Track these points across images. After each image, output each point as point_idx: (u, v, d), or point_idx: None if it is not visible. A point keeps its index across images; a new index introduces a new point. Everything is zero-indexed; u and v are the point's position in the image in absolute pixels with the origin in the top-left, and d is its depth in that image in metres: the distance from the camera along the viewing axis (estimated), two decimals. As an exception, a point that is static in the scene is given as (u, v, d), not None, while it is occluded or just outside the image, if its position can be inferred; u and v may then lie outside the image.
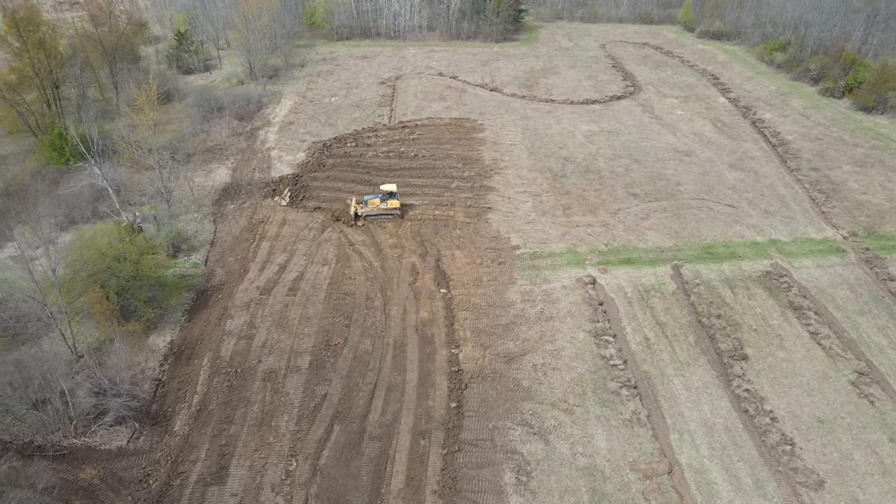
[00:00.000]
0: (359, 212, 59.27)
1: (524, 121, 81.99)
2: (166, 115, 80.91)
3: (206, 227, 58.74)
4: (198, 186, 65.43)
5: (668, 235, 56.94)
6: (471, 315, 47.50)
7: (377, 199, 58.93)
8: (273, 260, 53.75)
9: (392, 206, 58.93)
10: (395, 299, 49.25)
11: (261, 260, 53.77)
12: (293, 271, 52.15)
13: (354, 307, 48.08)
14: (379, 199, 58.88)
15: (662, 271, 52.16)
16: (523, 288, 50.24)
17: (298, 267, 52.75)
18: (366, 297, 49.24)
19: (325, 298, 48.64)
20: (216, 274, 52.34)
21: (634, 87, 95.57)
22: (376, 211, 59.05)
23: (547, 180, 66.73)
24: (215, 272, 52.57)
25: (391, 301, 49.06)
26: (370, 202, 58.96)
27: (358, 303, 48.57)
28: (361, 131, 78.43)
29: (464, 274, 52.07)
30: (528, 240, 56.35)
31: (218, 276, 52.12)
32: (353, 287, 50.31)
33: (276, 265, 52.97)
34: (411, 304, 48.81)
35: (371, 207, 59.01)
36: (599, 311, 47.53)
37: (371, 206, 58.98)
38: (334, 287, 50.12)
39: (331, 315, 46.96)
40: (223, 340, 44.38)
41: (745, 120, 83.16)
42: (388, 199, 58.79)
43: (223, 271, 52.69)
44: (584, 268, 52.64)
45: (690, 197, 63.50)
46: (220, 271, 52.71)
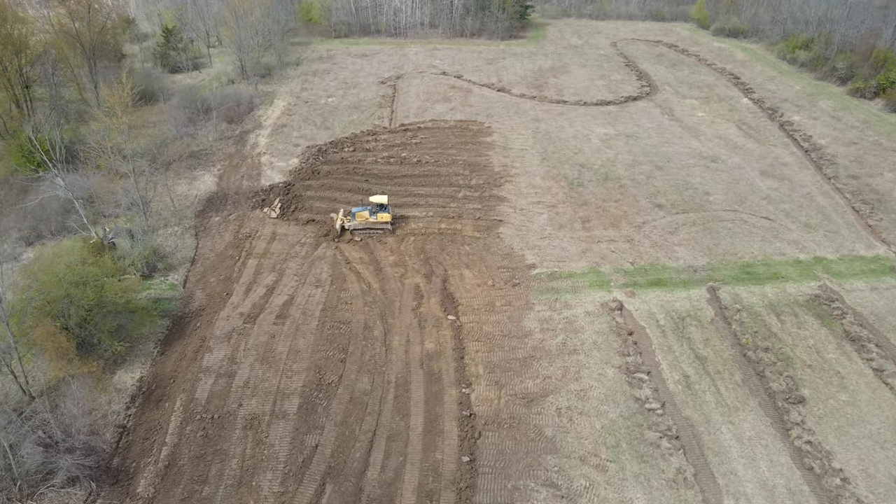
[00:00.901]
0: (346, 225, 53.58)
1: (535, 123, 76.21)
2: (149, 117, 75.22)
3: (186, 243, 52.93)
4: (179, 196, 59.64)
5: (700, 252, 51.17)
6: (483, 347, 41.75)
7: (366, 211, 53.13)
8: (260, 281, 47.98)
9: (382, 219, 53.11)
10: (397, 327, 43.52)
11: (246, 281, 47.99)
12: (282, 294, 46.37)
13: (351, 337, 42.31)
14: (368, 211, 53.09)
15: (697, 294, 46.40)
16: (542, 314, 44.48)
17: (288, 289, 46.98)
18: (364, 326, 43.48)
19: (317, 327, 42.86)
20: (195, 297, 46.56)
21: (650, 87, 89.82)
22: (365, 224, 53.30)
23: (562, 189, 60.96)
24: (195, 295, 46.78)
25: (392, 330, 43.33)
26: (358, 215, 53.17)
27: (355, 332, 42.80)
28: (360, 135, 72.64)
29: (474, 297, 46.32)
30: (545, 257, 50.60)
31: (197, 299, 46.34)
32: (349, 313, 44.53)
33: (263, 287, 47.20)
34: (415, 333, 43.07)
35: (359, 220, 53.24)
36: (629, 343, 41.76)
37: (359, 219, 53.20)
38: (328, 314, 44.34)
39: (324, 347, 41.18)
40: (199, 379, 38.57)
41: (771, 122, 77.40)
42: (378, 212, 53.00)
43: (203, 294, 46.90)
44: (609, 290, 46.87)
45: (721, 208, 57.73)
46: (201, 294, 46.92)
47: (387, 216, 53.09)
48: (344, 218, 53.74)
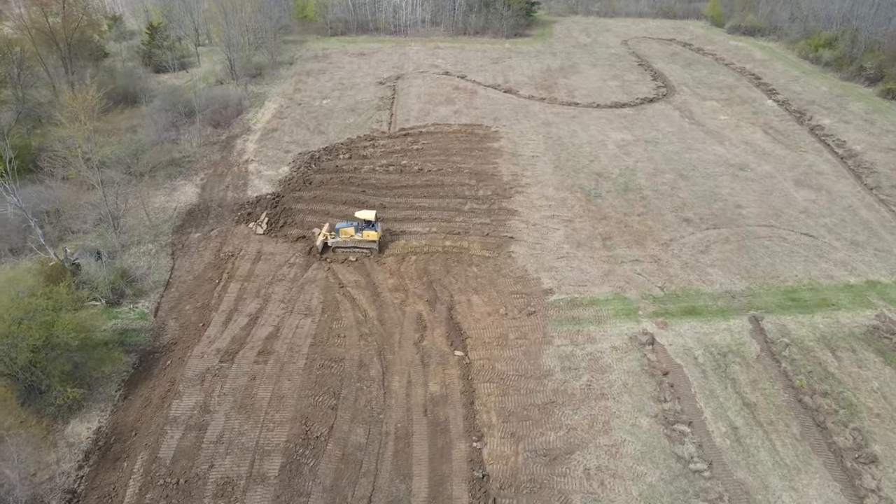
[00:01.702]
0: (329, 241, 48.06)
1: (545, 128, 70.61)
2: (128, 121, 69.65)
3: (161, 263, 47.32)
4: (157, 209, 54.01)
5: (737, 275, 45.59)
6: (496, 389, 36.17)
7: (351, 227, 47.53)
8: (242, 308, 42.37)
9: (368, 237, 47.45)
10: (397, 365, 37.93)
11: (226, 308, 42.39)
12: (266, 325, 40.77)
13: (343, 379, 36.70)
14: (354, 227, 47.50)
15: (739, 325, 40.82)
16: (562, 350, 38.90)
17: (273, 319, 41.38)
18: (359, 364, 37.89)
19: (305, 367, 37.24)
20: (168, 328, 40.96)
21: (667, 87, 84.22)
22: (350, 243, 47.73)
23: (579, 201, 55.35)
24: (167, 326, 41.18)
25: (392, 368, 37.75)
26: (343, 231, 47.59)
27: (348, 372, 37.21)
28: (356, 140, 67.04)
29: (484, 328, 40.74)
30: (564, 281, 45.01)
31: (170, 331, 40.74)
32: (342, 349, 38.93)
33: (244, 316, 41.60)
34: (417, 372, 37.48)
35: (343, 238, 47.69)
36: (665, 386, 36.17)
37: (344, 235, 47.64)
38: (318, 349, 38.74)
39: (312, 392, 35.57)
40: (165, 432, 32.94)
41: (800, 126, 71.81)
42: (364, 230, 47.42)
43: (177, 325, 41.29)
44: (638, 320, 41.29)
45: (756, 223, 52.14)
46: (174, 325, 41.31)
47: (374, 234, 47.43)
48: (328, 234, 48.24)
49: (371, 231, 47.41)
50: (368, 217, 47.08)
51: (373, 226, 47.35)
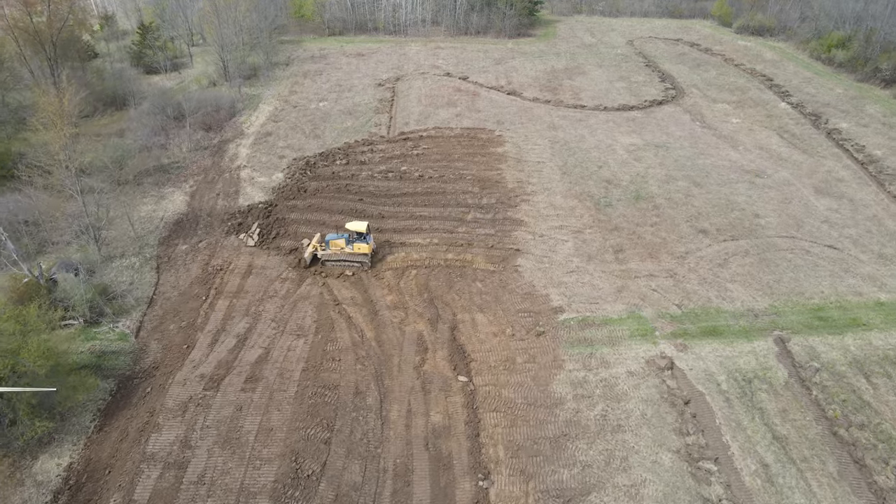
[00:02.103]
0: (318, 253, 45.28)
1: (551, 131, 67.74)
2: (117, 124, 66.80)
3: (145, 278, 44.44)
4: (143, 219, 51.14)
5: (759, 291, 42.73)
6: (503, 420, 33.31)
7: (342, 239, 44.65)
8: (230, 328, 39.51)
9: (360, 250, 44.59)
10: (396, 392, 35.06)
11: (213, 329, 39.53)
12: (256, 347, 37.91)
13: (338, 408, 33.83)
14: (345, 239, 44.64)
15: (764, 348, 37.96)
16: (574, 375, 36.04)
17: (263, 340, 38.51)
18: (354, 391, 35.01)
19: (296, 395, 34.36)
20: (150, 350, 38.08)
21: (676, 89, 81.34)
22: (340, 255, 44.91)
23: (588, 211, 52.47)
24: (149, 348, 38.30)
25: (390, 395, 34.88)
26: (333, 243, 44.75)
27: (343, 400, 34.33)
28: (354, 145, 64.16)
29: (490, 350, 37.88)
30: (574, 298, 42.15)
31: (152, 353, 37.86)
32: (336, 374, 36.06)
33: (232, 337, 38.73)
34: (418, 400, 34.62)
35: (333, 250, 44.86)
36: (687, 416, 33.31)
37: (334, 248, 44.81)
38: (311, 375, 35.87)
39: (304, 423, 32.70)
40: (142, 471, 30.08)
41: (816, 130, 68.93)
42: (355, 242, 44.55)
43: (159, 346, 38.41)
44: (655, 342, 38.42)
45: (776, 234, 49.29)
46: (156, 346, 38.43)
47: (365, 247, 44.52)
48: (317, 245, 45.43)
49: (363, 244, 44.54)
50: (360, 229, 44.19)
51: (365, 238, 44.49)
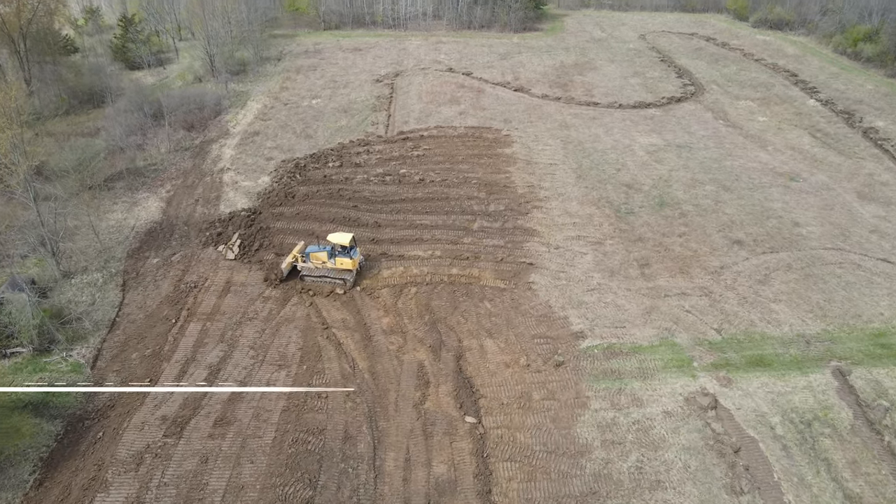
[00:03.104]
0: (298, 266, 40.17)
1: (563, 131, 62.43)
2: (93, 122, 61.61)
3: (108, 297, 39.20)
4: (111, 228, 45.93)
5: (809, 313, 37.40)
6: (519, 472, 28.01)
7: (324, 252, 39.41)
8: (201, 358, 34.22)
9: (342, 265, 39.40)
10: (393, 437, 29.77)
11: (181, 358, 34.24)
12: (229, 381, 32.60)
13: (323, 458, 28.52)
14: (327, 253, 39.41)
15: (821, 382, 32.62)
16: (601, 416, 30.74)
17: (239, 372, 33.23)
18: (343, 436, 29.70)
19: (273, 443, 29.06)
20: (107, 385, 32.80)
21: (695, 86, 76.01)
22: (322, 270, 39.76)
23: (608, 219, 47.16)
24: (106, 381, 33.03)
25: (386, 441, 29.58)
26: (314, 256, 39.62)
27: (330, 448, 29.02)
28: (348, 145, 58.88)
29: (501, 385, 32.58)
30: (597, 321, 36.83)
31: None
32: (322, 415, 30.75)
33: (203, 369, 33.45)
34: (419, 446, 29.32)
35: (314, 264, 39.68)
36: (739, 469, 27.98)
37: (314, 261, 39.63)
38: (292, 416, 30.57)
39: (281, 479, 27.40)
40: (82, 542, 24.87)
41: (851, 129, 63.56)
42: (339, 256, 39.26)
43: (118, 380, 33.12)
44: (694, 375, 33.10)
45: (820, 245, 43.96)
46: (114, 380, 33.14)
47: (349, 263, 39.25)
48: (298, 255, 40.27)
49: (346, 258, 39.24)
50: (343, 241, 38.88)
51: (349, 252, 39.22)
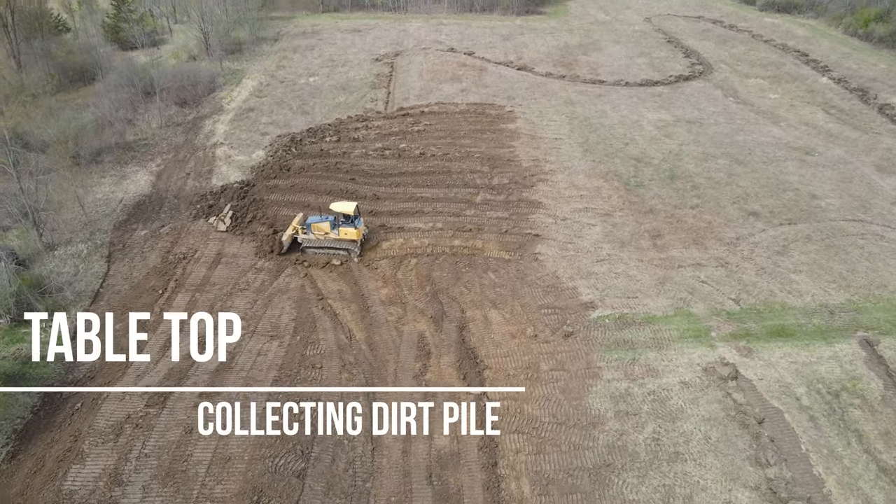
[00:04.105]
0: (299, 238, 38.17)
1: (569, 107, 60.44)
2: (84, 98, 59.74)
3: (92, 268, 37.27)
4: (98, 201, 44.01)
5: (831, 283, 35.40)
6: (527, 444, 26.06)
7: (326, 223, 37.41)
8: (189, 329, 32.28)
9: (347, 236, 37.40)
10: (392, 409, 27.81)
11: (168, 328, 32.28)
12: (220, 352, 30.65)
13: (316, 432, 26.57)
14: (329, 223, 37.43)
15: (848, 352, 30.64)
16: (614, 386, 28.77)
17: (228, 343, 31.24)
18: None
19: (264, 413, 27.13)
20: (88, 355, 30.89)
21: (703, 65, 73.93)
22: (324, 242, 37.77)
23: (616, 191, 45.18)
24: (87, 352, 31.06)
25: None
26: (315, 227, 37.57)
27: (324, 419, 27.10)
28: (346, 121, 56.92)
29: (507, 356, 30.62)
30: (607, 291, 34.86)
31: (88, 363, 30.65)
32: (317, 385, 28.82)
33: (191, 338, 31.51)
34: (419, 419, 27.36)
35: (316, 235, 37.68)
36: (763, 441, 26.00)
37: (316, 232, 37.62)
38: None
39: (270, 451, 25.46)
40: (54, 516, 22.95)
41: (866, 106, 61.49)
42: (342, 226, 37.33)
43: (101, 350, 31.16)
44: (712, 345, 31.12)
45: (840, 217, 41.95)
46: (97, 350, 31.18)
47: (353, 232, 37.27)
48: (298, 227, 38.25)
49: (350, 228, 37.27)
50: (347, 210, 36.90)
51: (353, 222, 37.26)
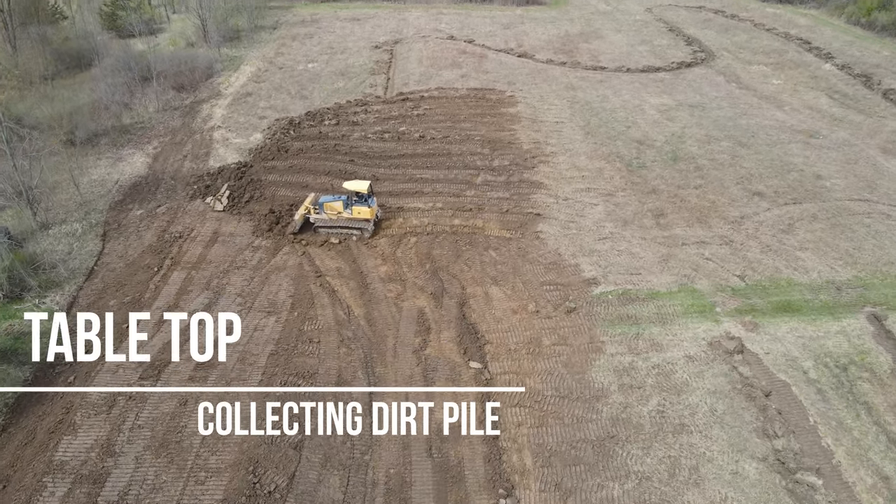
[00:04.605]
0: (311, 218, 37.56)
1: (570, 92, 59.87)
2: (80, 84, 59.14)
3: (87, 247, 36.70)
4: (94, 182, 43.43)
5: (838, 261, 34.84)
6: (529, 417, 25.50)
7: (339, 202, 36.77)
8: (184, 304, 31.74)
9: (361, 215, 36.79)
10: (391, 382, 27.26)
11: (163, 305, 31.75)
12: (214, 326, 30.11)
13: (314, 402, 26.02)
14: (343, 202, 36.86)
15: (855, 327, 30.08)
16: (618, 360, 28.21)
17: (225, 318, 30.71)
18: (337, 380, 27.22)
19: (260, 385, 26.57)
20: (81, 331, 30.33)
21: (705, 52, 73.34)
22: (337, 221, 37.16)
23: (619, 172, 44.62)
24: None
25: (382, 385, 27.06)
26: (328, 206, 36.83)
27: (321, 392, 26.53)
28: (345, 105, 56.34)
29: (508, 331, 30.06)
30: (610, 268, 34.30)
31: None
32: (314, 360, 28.26)
33: (187, 314, 30.95)
34: (419, 392, 26.80)
35: (329, 215, 37.09)
36: (771, 413, 25.45)
37: (329, 212, 37.01)
38: (281, 360, 28.10)
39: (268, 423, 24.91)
40: (44, 486, 22.33)
41: (870, 91, 60.89)
42: (354, 205, 36.76)
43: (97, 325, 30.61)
44: (717, 320, 30.57)
45: (845, 196, 41.39)
46: (91, 327, 30.64)
47: (367, 211, 36.69)
48: (311, 208, 37.60)
49: (363, 207, 36.68)
50: (361, 189, 36.27)
51: (366, 200, 36.68)
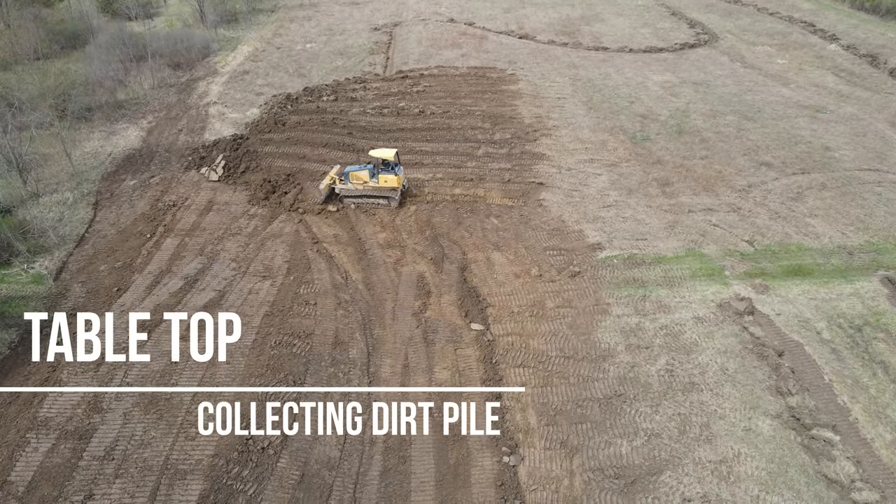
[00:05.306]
0: (336, 188, 36.53)
1: (572, 70, 58.95)
2: (74, 63, 58.25)
3: (78, 214, 35.80)
4: (87, 154, 42.53)
5: (849, 226, 33.94)
6: (533, 377, 24.58)
7: (365, 171, 35.77)
8: (177, 269, 30.81)
9: (387, 183, 35.80)
10: (389, 344, 26.35)
11: (155, 270, 30.83)
12: (207, 290, 29.21)
13: (310, 362, 25.12)
14: (368, 171, 35.84)
15: (869, 289, 29.16)
16: (624, 321, 27.29)
17: (219, 282, 29.82)
18: (333, 341, 26.30)
19: (253, 345, 25.68)
20: (70, 295, 29.41)
21: (708, 34, 72.43)
22: (364, 191, 36.17)
23: (623, 144, 43.70)
24: (70, 292, 29.62)
25: (381, 348, 26.16)
26: (354, 176, 35.82)
27: (318, 352, 25.62)
28: (344, 82, 55.41)
29: (510, 294, 29.14)
30: (615, 234, 33.38)
31: (72, 298, 29.19)
32: (310, 321, 27.35)
33: (179, 279, 30.04)
34: (419, 353, 25.90)
35: (355, 185, 36.09)
36: (784, 371, 24.52)
37: (355, 182, 36.02)
38: (276, 320, 27.18)
39: (262, 379, 23.99)
40: (28, 441, 21.43)
41: (877, 70, 59.96)
42: (381, 174, 35.77)
43: (83, 290, 29.71)
44: (726, 283, 29.65)
45: (855, 167, 40.47)
46: (79, 290, 29.74)
47: (394, 179, 35.53)
48: (337, 178, 36.54)
49: (390, 175, 35.59)
50: (387, 156, 35.20)
51: (393, 168, 35.70)
